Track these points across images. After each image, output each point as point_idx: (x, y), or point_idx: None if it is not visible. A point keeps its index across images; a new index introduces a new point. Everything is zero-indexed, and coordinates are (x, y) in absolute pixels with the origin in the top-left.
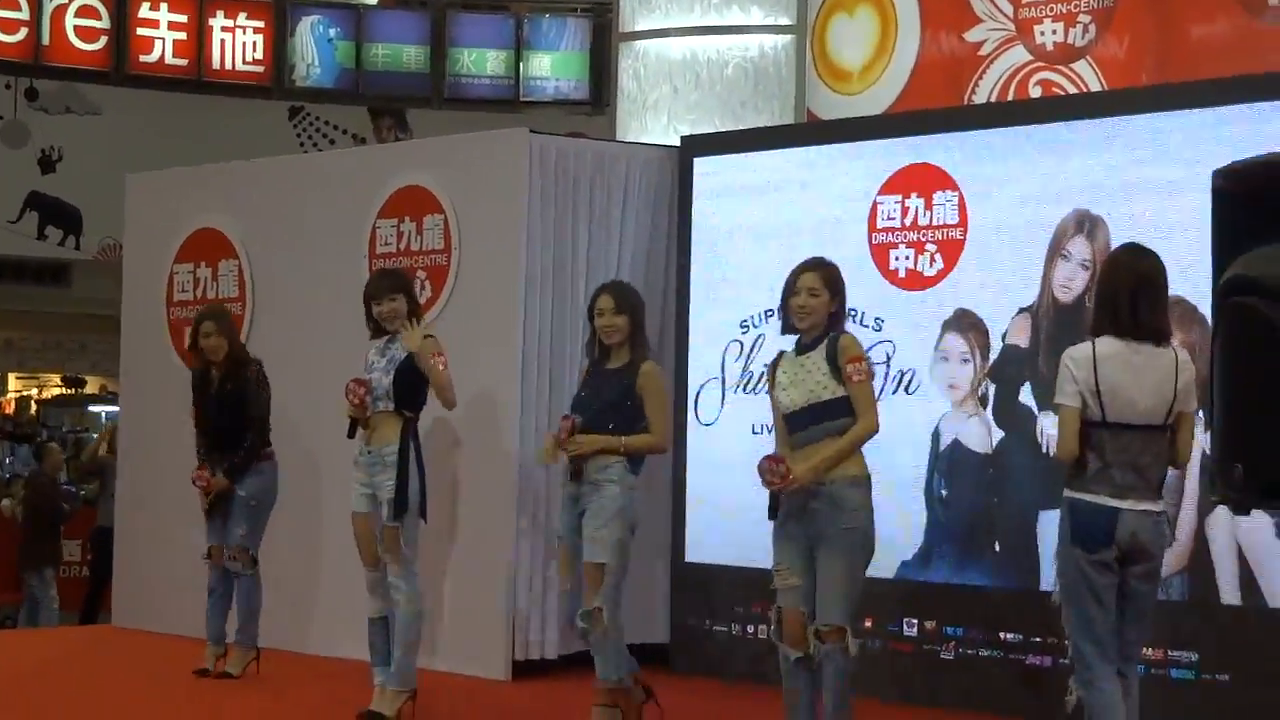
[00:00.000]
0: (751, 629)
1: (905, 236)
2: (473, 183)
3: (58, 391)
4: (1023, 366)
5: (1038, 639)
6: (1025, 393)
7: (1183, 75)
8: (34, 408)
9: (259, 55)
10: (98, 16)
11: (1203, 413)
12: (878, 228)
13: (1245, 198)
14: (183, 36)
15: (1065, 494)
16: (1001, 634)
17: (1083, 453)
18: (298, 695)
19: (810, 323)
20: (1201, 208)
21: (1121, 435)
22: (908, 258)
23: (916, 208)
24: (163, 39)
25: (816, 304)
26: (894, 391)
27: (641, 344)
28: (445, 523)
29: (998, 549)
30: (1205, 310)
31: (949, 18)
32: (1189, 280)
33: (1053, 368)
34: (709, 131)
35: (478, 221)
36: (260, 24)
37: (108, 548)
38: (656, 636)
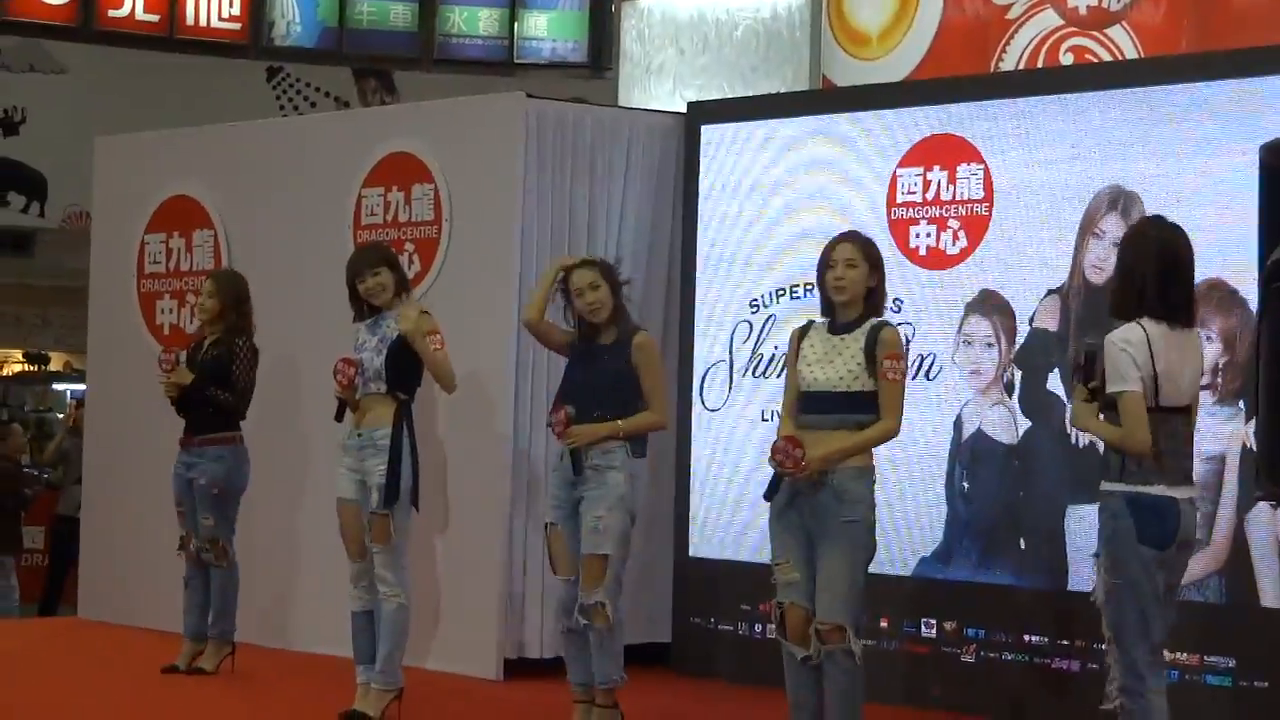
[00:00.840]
0: (759, 628)
1: (927, 212)
2: (465, 150)
3: (20, 368)
4: (1051, 352)
5: (1065, 642)
6: (1054, 380)
7: (1224, 43)
8: None
9: (235, 11)
10: None
11: (1243, 403)
12: (897, 202)
13: None
14: None
15: (1119, 488)
16: (1026, 636)
17: None
18: (276, 693)
19: (849, 295)
20: (1245, 185)
21: (1170, 420)
22: (929, 235)
23: (939, 181)
24: None
25: (855, 275)
26: (914, 377)
27: (625, 315)
28: (435, 511)
29: (1023, 546)
30: (1245, 294)
31: None
32: (1229, 263)
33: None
34: (717, 98)
35: (470, 191)
36: None
37: (69, 537)
38: (658, 635)
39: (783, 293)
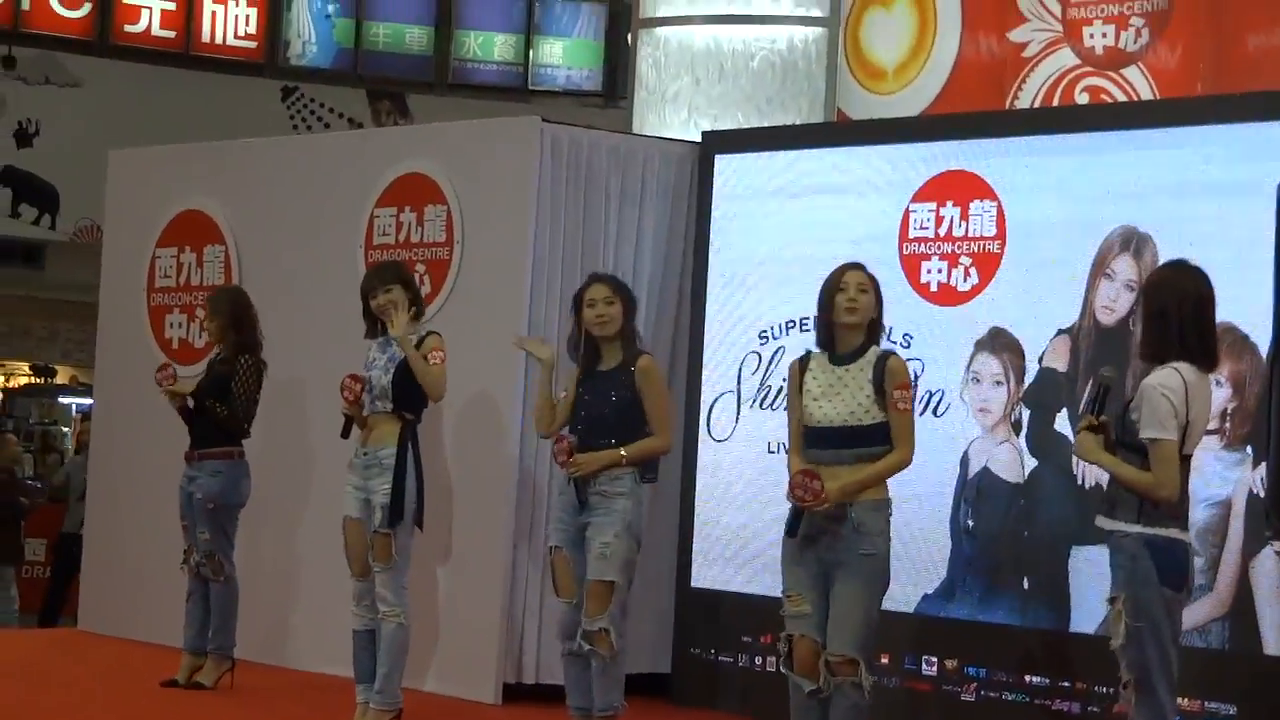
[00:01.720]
0: (760, 660)
1: (939, 248)
2: (479, 172)
3: (26, 381)
4: (1060, 391)
5: (1066, 683)
6: (1062, 419)
7: (1238, 86)
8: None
9: (252, 30)
10: None
11: (1250, 448)
12: (909, 237)
13: None
14: (171, 6)
15: (1136, 529)
16: (1028, 676)
17: None
18: (274, 710)
19: (860, 317)
20: (1259, 227)
21: (1185, 465)
22: (940, 271)
23: (951, 217)
24: (150, 8)
25: (867, 301)
26: (921, 413)
27: (633, 339)
28: (438, 532)
29: (1026, 585)
30: (1256, 339)
31: (992, 16)
32: (1240, 307)
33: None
34: (732, 128)
35: (483, 214)
36: None
37: (72, 553)
38: (658, 665)
39: (792, 325)
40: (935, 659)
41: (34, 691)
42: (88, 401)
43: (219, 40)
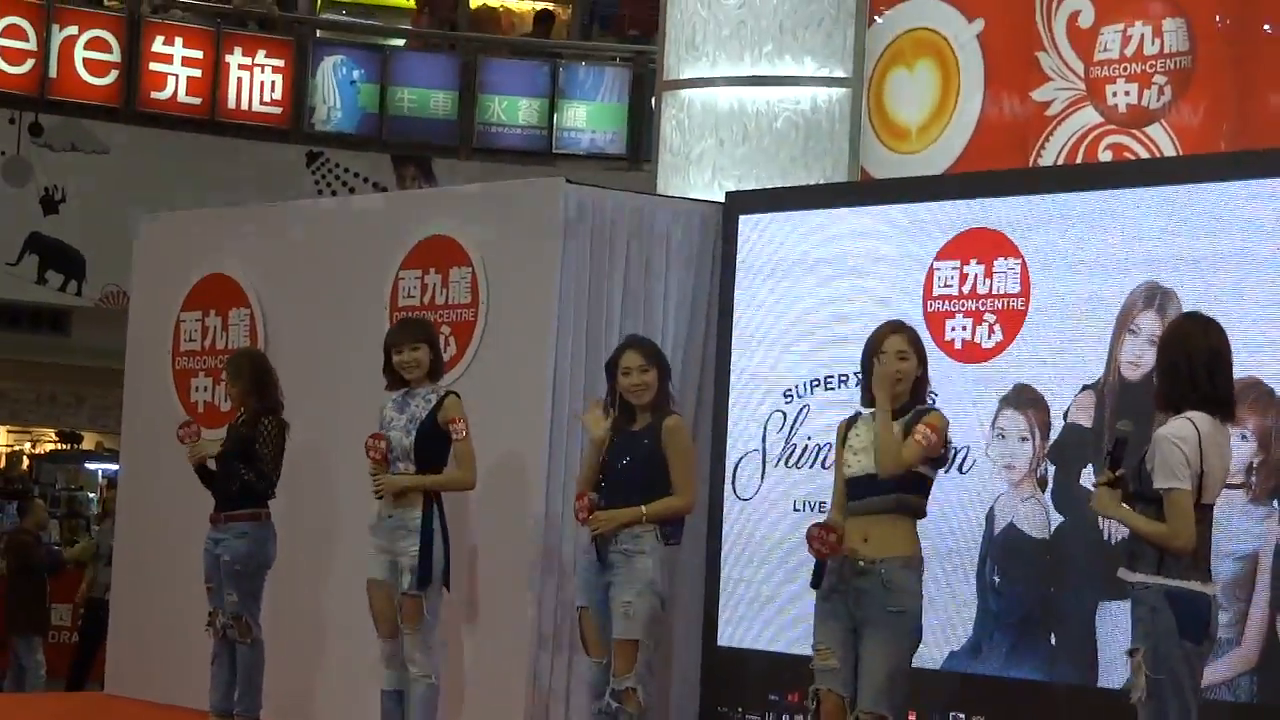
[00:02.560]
0: (788, 718)
1: (963, 305)
2: (504, 234)
3: (52, 447)
4: (1085, 447)
5: None
6: (1087, 475)
7: (1261, 143)
8: (26, 463)
9: (277, 95)
10: (108, 49)
11: (1276, 502)
12: (934, 295)
13: None
14: (197, 73)
15: (1157, 581)
16: None
17: None
18: None
19: (902, 388)
20: None
21: (1205, 516)
22: (965, 328)
23: (976, 275)
24: (176, 75)
25: (907, 369)
26: (946, 470)
27: (665, 401)
28: (464, 592)
29: (1053, 641)
30: None
31: (1015, 75)
32: (1266, 362)
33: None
34: (756, 188)
35: (508, 276)
36: (280, 63)
37: (100, 618)
38: None
39: (817, 383)
40: (963, 715)
41: None
42: (113, 467)
43: (244, 106)
